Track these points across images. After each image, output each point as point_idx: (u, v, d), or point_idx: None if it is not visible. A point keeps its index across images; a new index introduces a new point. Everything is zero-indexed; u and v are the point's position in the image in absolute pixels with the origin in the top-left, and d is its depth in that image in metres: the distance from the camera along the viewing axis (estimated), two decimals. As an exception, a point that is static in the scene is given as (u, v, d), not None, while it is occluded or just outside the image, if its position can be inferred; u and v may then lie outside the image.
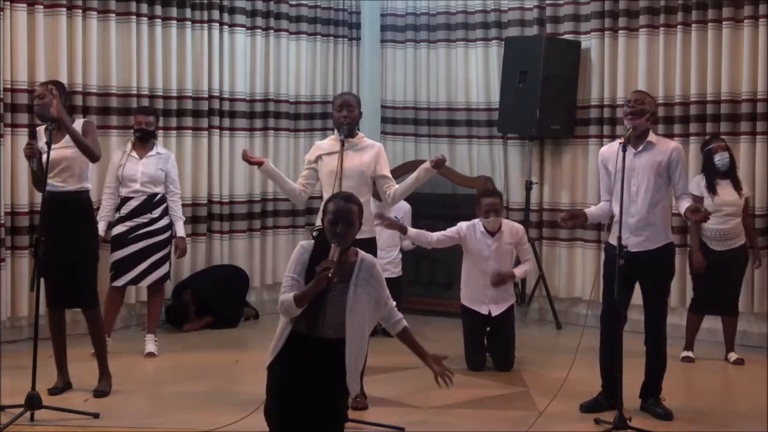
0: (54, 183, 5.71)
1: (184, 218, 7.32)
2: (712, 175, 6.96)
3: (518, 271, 6.90)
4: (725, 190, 6.90)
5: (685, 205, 5.56)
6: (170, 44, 8.10)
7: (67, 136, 5.71)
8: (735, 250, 6.94)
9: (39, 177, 5.67)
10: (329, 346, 3.91)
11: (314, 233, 4.05)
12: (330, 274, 3.77)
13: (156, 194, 7.06)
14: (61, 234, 5.67)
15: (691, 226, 6.99)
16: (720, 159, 6.93)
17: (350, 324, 3.90)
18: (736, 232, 6.93)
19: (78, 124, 5.81)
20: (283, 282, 3.98)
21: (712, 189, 6.90)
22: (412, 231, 6.76)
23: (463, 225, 6.81)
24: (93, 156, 5.79)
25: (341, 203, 3.98)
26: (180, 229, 7.20)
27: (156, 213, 7.06)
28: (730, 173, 6.98)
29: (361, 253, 4.03)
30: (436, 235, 6.79)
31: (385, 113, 9.64)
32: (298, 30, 9.03)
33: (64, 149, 5.73)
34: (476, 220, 6.81)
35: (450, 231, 6.80)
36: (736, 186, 6.96)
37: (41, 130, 5.83)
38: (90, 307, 5.94)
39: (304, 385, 3.88)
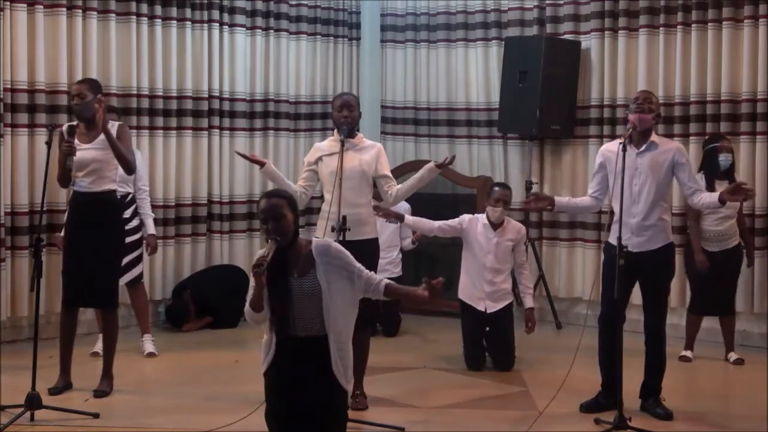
0: (81, 183, 5.71)
1: (153, 215, 7.16)
2: (712, 174, 6.93)
3: (531, 301, 6.92)
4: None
5: (704, 196, 5.55)
6: (170, 44, 8.10)
7: (99, 137, 5.70)
8: (729, 251, 6.94)
9: (67, 174, 5.65)
10: (316, 343, 3.87)
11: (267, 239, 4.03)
12: (261, 271, 3.75)
13: (127, 194, 6.86)
14: (87, 234, 5.68)
15: (692, 226, 6.98)
16: (724, 159, 6.90)
17: (327, 315, 3.85)
18: (731, 232, 6.93)
19: (112, 127, 5.77)
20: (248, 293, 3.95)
21: (710, 189, 6.88)
22: (410, 219, 6.85)
23: (466, 217, 6.84)
24: (130, 168, 5.78)
25: (266, 200, 3.96)
26: (150, 227, 7.06)
27: (127, 214, 6.83)
28: (729, 174, 6.96)
29: (314, 240, 4.00)
30: (438, 223, 6.86)
31: (385, 113, 9.64)
32: (298, 30, 9.03)
33: (94, 150, 5.72)
34: (479, 214, 6.83)
35: (453, 221, 6.83)
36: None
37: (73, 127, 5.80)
38: (111, 308, 5.94)
39: (299, 386, 3.87)
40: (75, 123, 5.82)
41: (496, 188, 6.89)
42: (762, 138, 7.45)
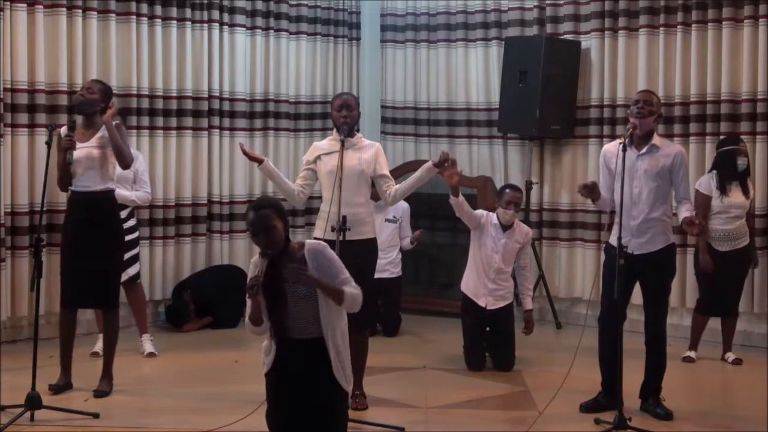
0: (78, 183, 5.71)
1: (136, 201, 6.86)
2: (726, 176, 6.90)
3: (530, 303, 6.94)
4: (734, 192, 6.88)
5: (684, 211, 5.55)
6: (170, 44, 8.09)
7: (95, 136, 5.73)
8: (740, 251, 6.92)
9: (67, 172, 5.65)
10: (314, 345, 3.88)
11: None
12: (254, 292, 3.73)
13: None
14: (87, 234, 5.68)
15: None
16: (742, 163, 6.87)
17: (324, 317, 3.86)
18: (741, 232, 6.91)
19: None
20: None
21: (723, 189, 6.87)
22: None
23: (483, 213, 6.84)
24: (126, 162, 5.79)
25: (254, 212, 3.90)
26: (127, 193, 6.71)
27: (123, 214, 6.75)
28: (743, 176, 6.95)
29: (307, 243, 3.97)
30: (475, 211, 6.80)
31: (385, 113, 9.63)
32: (298, 30, 9.02)
33: (90, 149, 5.73)
34: (492, 213, 6.82)
35: (477, 212, 6.79)
36: (745, 189, 6.93)
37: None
38: (112, 307, 5.94)
39: (300, 387, 3.87)
40: (74, 120, 5.84)
41: (508, 190, 6.87)
42: (762, 138, 7.45)
